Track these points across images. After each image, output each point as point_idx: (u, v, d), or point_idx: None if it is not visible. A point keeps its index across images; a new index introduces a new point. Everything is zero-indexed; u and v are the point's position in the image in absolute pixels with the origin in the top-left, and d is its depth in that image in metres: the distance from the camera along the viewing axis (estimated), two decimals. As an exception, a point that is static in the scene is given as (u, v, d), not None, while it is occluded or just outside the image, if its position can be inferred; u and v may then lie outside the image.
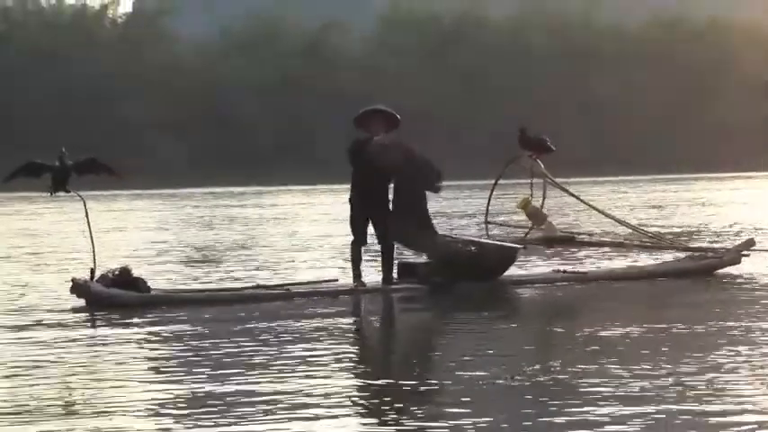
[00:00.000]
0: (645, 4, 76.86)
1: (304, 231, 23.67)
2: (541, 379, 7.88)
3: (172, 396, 7.64)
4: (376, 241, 13.13)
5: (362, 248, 13.16)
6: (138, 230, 25.66)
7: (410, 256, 13.79)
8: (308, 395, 7.52)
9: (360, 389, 7.95)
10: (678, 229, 21.25)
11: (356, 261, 13.08)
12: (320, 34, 71.10)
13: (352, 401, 7.45)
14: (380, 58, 69.55)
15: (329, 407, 7.19)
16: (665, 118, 68.74)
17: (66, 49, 67.31)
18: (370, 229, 13.13)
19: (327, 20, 71.04)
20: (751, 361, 8.31)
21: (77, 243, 12.66)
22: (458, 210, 30.84)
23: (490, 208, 14.50)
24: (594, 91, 69.42)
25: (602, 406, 7.03)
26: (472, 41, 70.65)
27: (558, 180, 13.89)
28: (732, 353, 8.62)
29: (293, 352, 9.20)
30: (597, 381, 7.74)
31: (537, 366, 8.30)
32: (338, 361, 8.84)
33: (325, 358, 8.93)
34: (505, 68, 69.50)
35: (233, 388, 7.81)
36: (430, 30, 71.47)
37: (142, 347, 9.76)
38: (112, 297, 11.96)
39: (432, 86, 67.50)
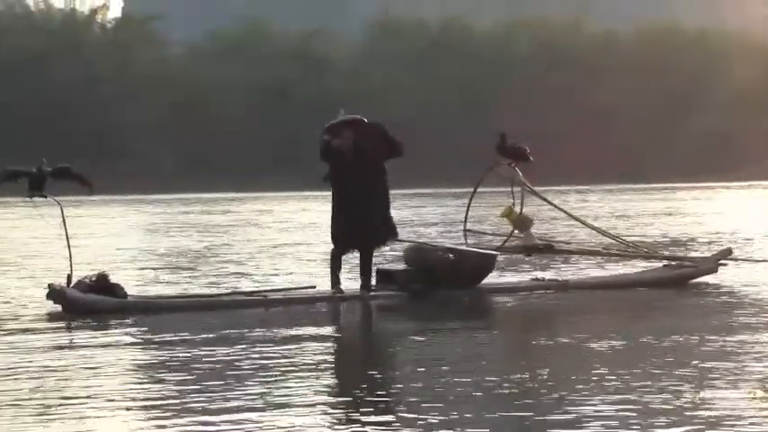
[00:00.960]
0: (634, 14, 77.16)
1: (286, 237, 23.67)
2: (516, 390, 7.89)
3: (147, 403, 7.62)
4: (355, 248, 13.12)
5: (342, 256, 13.17)
6: (119, 236, 25.59)
7: (389, 262, 13.81)
8: (286, 403, 7.49)
9: (336, 397, 7.92)
10: (659, 239, 21.30)
11: (335, 268, 13.09)
12: (308, 40, 71.17)
13: (328, 410, 7.41)
14: (368, 65, 69.65)
15: (306, 415, 7.17)
16: (653, 127, 68.90)
17: (55, 53, 67.26)
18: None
19: (315, 25, 71.13)
20: (730, 371, 8.33)
21: (56, 248, 12.61)
22: (436, 217, 30.87)
23: (469, 216, 14.53)
24: (583, 100, 69.54)
25: (584, 414, 7.04)
26: (459, 49, 70.77)
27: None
28: (710, 363, 8.63)
29: (268, 360, 9.15)
30: (578, 389, 7.76)
31: (516, 375, 8.31)
32: (315, 369, 8.81)
33: (302, 366, 8.90)
34: (493, 76, 69.62)
35: (210, 395, 7.79)
36: (417, 37, 71.57)
37: (117, 353, 9.72)
38: (89, 303, 11.95)
39: (418, 94, 67.59)
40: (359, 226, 12.97)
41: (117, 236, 25.82)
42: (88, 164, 62.10)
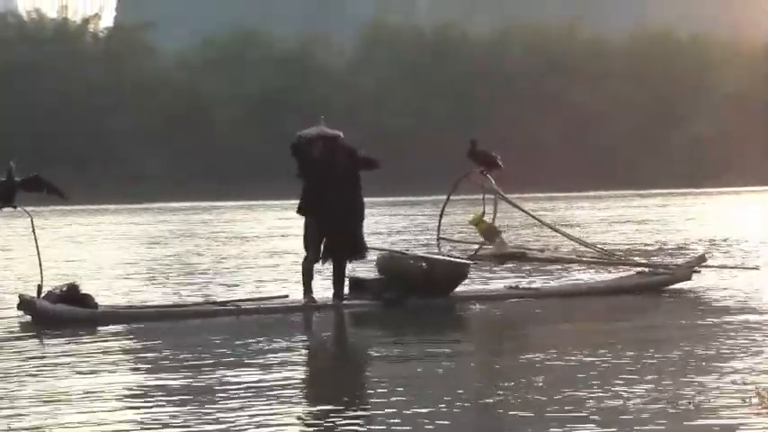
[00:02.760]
0: (627, 19, 77.17)
1: (273, 246, 23.63)
2: (490, 400, 7.88)
3: (115, 416, 7.57)
4: (325, 257, 13.10)
5: (314, 265, 13.14)
6: (98, 246, 25.52)
7: (361, 271, 13.80)
8: (258, 415, 7.45)
9: (308, 411, 7.86)
10: (641, 246, 21.29)
11: (308, 277, 13.06)
12: (302, 47, 71.18)
13: (301, 423, 7.37)
14: (362, 72, 69.65)
15: (277, 427, 7.13)
16: (645, 133, 68.91)
17: (47, 63, 67.27)
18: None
19: (309, 32, 71.16)
20: (707, 379, 8.31)
21: (31, 259, 12.58)
22: (417, 225, 30.85)
23: (442, 224, 14.52)
24: (576, 105, 69.55)
25: (564, 423, 7.03)
26: (453, 55, 70.76)
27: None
28: (688, 371, 8.62)
29: (240, 372, 9.06)
30: (553, 399, 7.74)
31: (489, 386, 8.29)
32: (287, 381, 8.74)
33: (274, 377, 8.83)
34: (487, 82, 69.62)
35: (181, 408, 7.74)
36: (411, 44, 71.57)
37: (86, 363, 9.68)
38: (58, 313, 11.94)
39: (413, 100, 67.59)
40: (330, 234, 12.95)
41: (99, 245, 25.77)
42: (72, 172, 62.25)
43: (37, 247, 12.33)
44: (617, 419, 7.14)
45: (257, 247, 23.40)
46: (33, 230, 12.35)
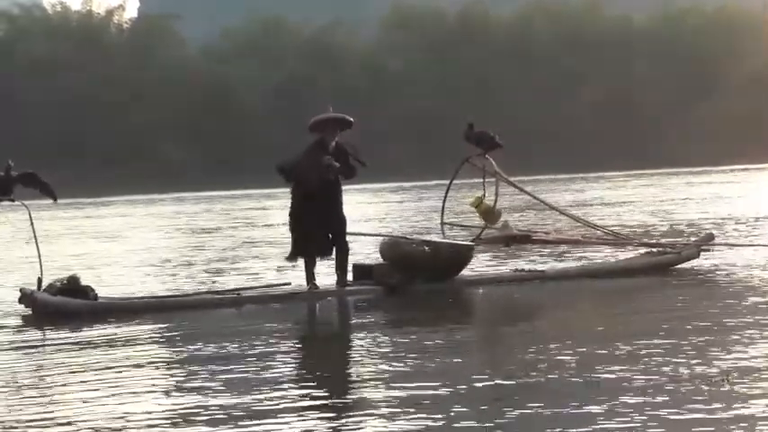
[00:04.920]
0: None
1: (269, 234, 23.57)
2: (487, 384, 7.76)
3: (118, 409, 7.46)
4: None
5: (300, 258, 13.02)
6: (117, 237, 25.55)
7: (365, 257, 13.71)
8: (261, 405, 7.33)
9: (316, 398, 7.68)
10: (656, 225, 21.11)
11: (310, 264, 12.98)
12: (325, 34, 71.07)
13: (311, 410, 7.18)
14: (385, 57, 69.49)
15: (284, 416, 7.00)
16: (673, 110, 68.39)
17: (72, 55, 67.51)
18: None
19: (331, 18, 71.03)
20: (720, 359, 8.15)
21: (32, 252, 12.57)
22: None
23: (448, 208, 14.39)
24: (603, 85, 69.13)
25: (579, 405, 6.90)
26: (476, 38, 70.48)
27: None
28: (694, 353, 8.46)
29: (242, 360, 8.95)
30: (564, 381, 7.61)
31: (495, 370, 8.17)
32: (291, 370, 8.64)
33: (278, 367, 8.70)
34: (510, 64, 69.32)
35: (184, 400, 7.65)
36: (434, 27, 71.33)
37: (87, 356, 9.60)
38: (58, 306, 11.92)
39: (436, 84, 67.39)
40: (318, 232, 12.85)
41: (114, 237, 25.80)
42: (100, 164, 62.39)
43: (36, 239, 12.32)
44: (659, 397, 7.01)
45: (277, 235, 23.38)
46: (32, 223, 12.33)
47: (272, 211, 33.35)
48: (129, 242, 23.67)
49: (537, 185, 32.20)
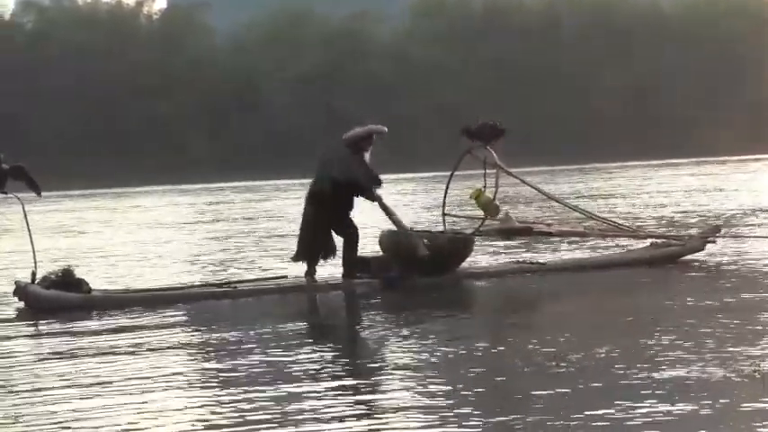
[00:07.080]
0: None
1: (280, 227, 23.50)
2: (495, 378, 7.63)
3: (111, 403, 7.35)
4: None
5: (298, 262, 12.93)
6: (113, 230, 25.55)
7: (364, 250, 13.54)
8: (252, 402, 7.19)
9: (313, 393, 7.47)
10: (672, 216, 20.88)
11: (312, 263, 12.84)
12: (351, 24, 70.97)
13: (307, 409, 7.00)
14: (411, 46, 69.30)
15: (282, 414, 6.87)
16: (704, 98, 67.88)
17: (102, 45, 67.75)
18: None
19: (357, 8, 70.93)
20: (728, 352, 7.96)
21: (26, 245, 12.54)
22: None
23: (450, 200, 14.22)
24: (633, 73, 68.69)
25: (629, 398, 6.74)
26: (504, 27, 70.19)
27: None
28: (704, 344, 8.28)
29: (237, 355, 8.82)
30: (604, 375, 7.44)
31: (497, 363, 8.05)
32: (289, 363, 8.48)
33: (272, 361, 8.55)
34: (539, 53, 68.98)
35: (177, 394, 7.54)
36: (461, 16, 71.09)
37: (79, 349, 9.52)
38: (52, 299, 11.85)
39: (464, 74, 67.16)
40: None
41: (153, 228, 25.84)
42: (127, 154, 62.48)
43: (29, 232, 12.27)
44: (684, 391, 6.84)
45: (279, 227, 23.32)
46: (25, 216, 12.28)
47: (293, 201, 33.32)
48: (147, 234, 23.66)
49: (559, 176, 31.90)
